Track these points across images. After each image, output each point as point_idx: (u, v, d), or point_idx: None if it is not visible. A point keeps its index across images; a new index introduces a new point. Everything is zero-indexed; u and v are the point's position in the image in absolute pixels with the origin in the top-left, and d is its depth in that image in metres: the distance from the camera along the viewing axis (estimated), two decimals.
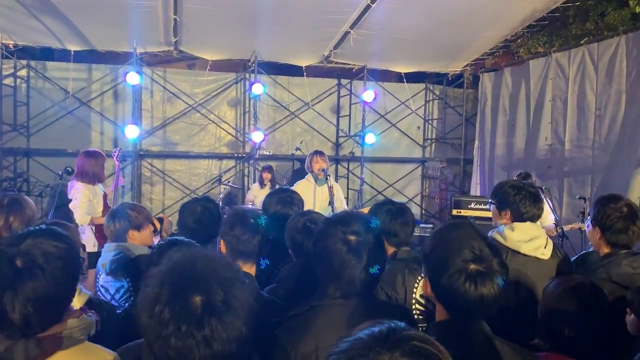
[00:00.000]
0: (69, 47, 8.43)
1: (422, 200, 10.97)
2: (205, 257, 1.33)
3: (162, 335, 1.19)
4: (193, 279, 1.25)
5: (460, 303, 1.53)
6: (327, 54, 9.05)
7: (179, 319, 1.19)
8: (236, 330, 1.23)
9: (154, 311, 1.21)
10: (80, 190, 4.88)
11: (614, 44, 6.96)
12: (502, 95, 9.25)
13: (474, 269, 1.52)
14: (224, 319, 1.22)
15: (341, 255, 1.80)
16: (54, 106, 8.80)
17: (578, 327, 1.89)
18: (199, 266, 1.28)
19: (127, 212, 3.05)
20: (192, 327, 1.19)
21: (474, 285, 1.51)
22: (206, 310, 1.21)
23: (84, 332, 1.58)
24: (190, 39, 8.36)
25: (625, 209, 2.63)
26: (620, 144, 6.81)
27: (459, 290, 1.51)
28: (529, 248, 2.77)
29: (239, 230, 2.27)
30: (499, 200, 2.92)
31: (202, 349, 1.19)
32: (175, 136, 9.60)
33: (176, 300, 1.21)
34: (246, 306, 1.27)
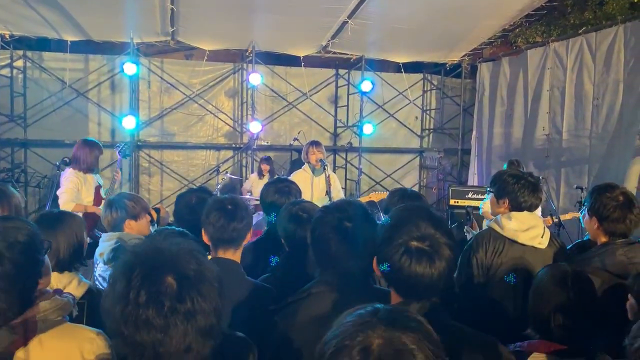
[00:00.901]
0: (65, 37, 8.39)
1: (420, 191, 10.97)
2: (168, 240, 1.31)
3: (143, 318, 1.16)
4: (161, 260, 1.22)
5: (395, 277, 1.52)
6: (325, 44, 9.02)
7: (158, 296, 1.17)
8: (213, 301, 1.22)
9: (129, 298, 1.17)
10: (68, 178, 4.84)
11: (612, 34, 6.95)
12: (499, 85, 9.25)
13: (414, 246, 1.49)
14: (202, 289, 1.21)
15: (336, 240, 1.81)
16: (51, 97, 8.77)
17: (566, 316, 1.90)
18: (164, 248, 1.26)
19: (125, 201, 3.06)
20: (174, 302, 1.17)
21: (409, 261, 1.48)
22: (182, 284, 1.19)
23: (61, 312, 1.58)
24: (187, 28, 8.33)
25: (621, 198, 2.64)
26: (617, 133, 6.82)
27: (395, 265, 1.50)
28: (526, 237, 2.78)
29: (214, 217, 2.28)
30: (497, 189, 2.93)
31: (186, 324, 1.17)
32: (172, 127, 9.59)
33: (149, 282, 1.18)
34: (217, 277, 1.27)
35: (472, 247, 2.89)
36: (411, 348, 0.96)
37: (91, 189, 5.02)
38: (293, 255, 2.53)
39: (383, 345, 0.96)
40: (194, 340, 1.19)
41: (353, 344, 0.98)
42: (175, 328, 1.17)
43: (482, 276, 2.81)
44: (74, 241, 2.22)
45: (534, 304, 2.02)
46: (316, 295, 1.83)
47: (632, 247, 2.59)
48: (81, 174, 4.92)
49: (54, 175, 5.15)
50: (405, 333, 0.98)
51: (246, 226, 2.35)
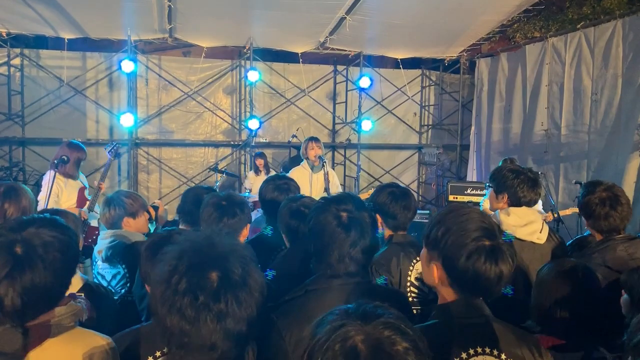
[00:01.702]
0: (62, 35, 8.36)
1: (419, 187, 10.99)
2: (224, 237, 1.33)
3: (177, 305, 1.18)
4: (211, 255, 1.25)
5: (481, 283, 1.54)
6: (323, 40, 9.00)
7: (196, 289, 1.18)
8: (249, 309, 1.23)
9: (171, 282, 1.20)
10: (47, 182, 4.68)
11: (610, 28, 6.94)
12: (498, 80, 9.24)
13: (488, 245, 1.52)
14: (240, 295, 1.22)
15: (331, 229, 1.82)
16: (49, 95, 8.75)
17: (569, 310, 1.90)
18: (217, 243, 1.28)
19: (123, 199, 3.05)
20: (209, 299, 1.18)
21: (494, 263, 1.51)
22: (223, 284, 1.21)
23: (73, 318, 1.58)
24: (184, 25, 8.30)
25: (603, 194, 2.64)
26: (616, 128, 6.82)
27: (480, 270, 1.51)
28: (524, 232, 2.78)
29: (207, 212, 2.36)
30: (496, 184, 2.93)
31: (215, 323, 1.18)
32: (171, 124, 9.57)
33: (193, 272, 1.21)
34: (260, 288, 1.27)
35: None
36: (393, 339, 0.98)
37: (73, 191, 4.90)
38: (294, 251, 2.52)
39: (365, 340, 0.98)
40: (220, 340, 1.20)
41: (334, 344, 1.00)
42: (205, 324, 1.18)
43: None
44: None
45: (537, 297, 2.01)
46: (313, 293, 1.83)
47: (633, 242, 2.59)
48: (60, 176, 4.80)
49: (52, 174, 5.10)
50: (381, 326, 1.00)
51: (239, 222, 2.35)
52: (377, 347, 0.97)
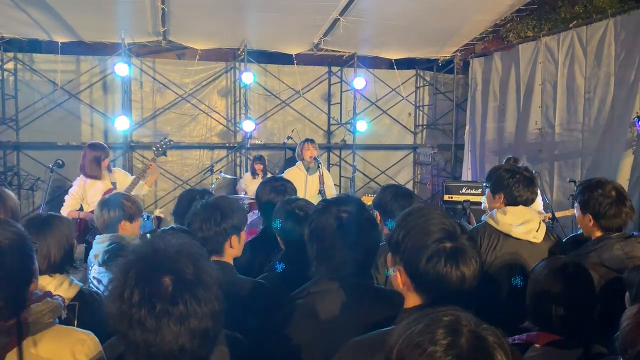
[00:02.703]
0: (56, 38, 8.34)
1: (414, 187, 11.00)
2: (171, 240, 1.30)
3: (136, 318, 1.15)
4: (159, 261, 1.21)
5: (443, 286, 1.48)
6: (317, 42, 9.01)
7: (151, 297, 1.16)
8: (210, 304, 1.21)
9: (124, 297, 1.17)
10: (75, 183, 4.85)
11: (602, 27, 6.98)
12: (492, 80, 9.27)
13: (449, 247, 1.47)
14: (197, 293, 1.19)
15: (332, 231, 1.82)
16: (43, 99, 8.72)
17: (564, 307, 1.92)
18: (163, 248, 1.25)
19: (122, 202, 3.04)
20: (167, 304, 1.15)
21: (455, 265, 1.46)
22: (177, 286, 1.18)
23: (52, 315, 1.58)
24: (178, 28, 8.30)
25: (614, 193, 2.64)
26: (609, 126, 6.85)
27: (440, 273, 1.46)
28: (521, 232, 2.79)
29: (197, 225, 2.27)
30: (493, 184, 2.93)
31: (179, 327, 1.16)
32: (166, 127, 9.56)
33: (145, 282, 1.18)
34: (216, 281, 1.25)
35: None
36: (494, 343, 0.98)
37: (97, 194, 4.84)
38: (290, 253, 2.53)
39: (471, 331, 0.98)
40: (188, 342, 1.17)
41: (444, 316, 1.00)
42: (168, 329, 1.15)
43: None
44: (64, 243, 2.21)
45: (532, 295, 2.03)
46: (315, 295, 1.84)
47: (629, 240, 2.60)
48: (87, 180, 4.88)
49: (47, 178, 5.10)
50: (490, 331, 0.99)
51: (231, 231, 2.29)
52: (480, 340, 0.97)
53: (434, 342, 0.96)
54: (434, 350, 0.95)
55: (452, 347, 0.95)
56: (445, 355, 0.94)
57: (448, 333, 0.96)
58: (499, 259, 2.79)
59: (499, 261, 2.79)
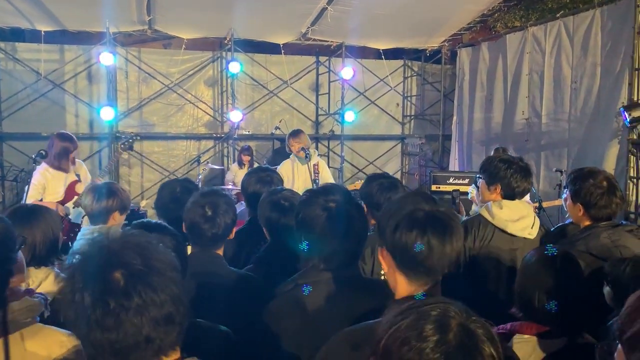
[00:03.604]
0: (39, 27, 8.19)
1: (402, 177, 11.01)
2: (114, 234, 1.26)
3: (93, 320, 1.11)
4: (105, 257, 1.18)
5: (410, 259, 1.46)
6: (305, 31, 8.95)
7: (103, 296, 1.12)
8: (167, 290, 1.17)
9: (75, 301, 1.13)
10: (36, 173, 4.66)
11: (589, 17, 7.00)
12: (479, 70, 9.28)
13: (421, 214, 1.46)
14: (150, 281, 1.16)
15: (319, 221, 1.80)
16: (26, 88, 8.57)
17: (551, 296, 1.92)
18: (107, 244, 1.21)
19: (119, 191, 2.96)
20: (121, 299, 1.12)
21: (421, 232, 1.44)
22: (128, 279, 1.14)
23: (30, 314, 1.54)
24: (164, 17, 8.19)
25: (605, 183, 2.64)
26: (595, 116, 6.90)
27: (407, 241, 1.45)
28: (517, 228, 2.76)
29: (192, 223, 2.26)
30: (488, 175, 2.88)
31: (140, 318, 1.12)
32: (152, 117, 9.46)
33: (93, 281, 1.14)
34: (170, 264, 1.22)
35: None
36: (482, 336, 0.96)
37: (60, 185, 4.79)
38: (276, 244, 2.51)
39: (460, 324, 0.95)
40: (153, 331, 1.14)
41: (432, 309, 0.97)
42: (129, 324, 1.12)
43: (469, 264, 2.80)
44: (50, 235, 2.17)
45: (520, 284, 2.03)
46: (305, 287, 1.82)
47: (616, 229, 2.60)
48: (51, 170, 4.74)
49: (31, 169, 5.00)
50: (479, 324, 0.97)
51: (225, 230, 2.27)
52: (468, 334, 0.94)
53: (422, 338, 0.93)
54: (422, 347, 0.92)
55: (441, 343, 0.92)
56: (433, 353, 0.92)
57: (437, 328, 0.94)
58: (492, 253, 2.77)
59: (491, 255, 2.77)
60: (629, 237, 2.58)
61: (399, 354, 0.94)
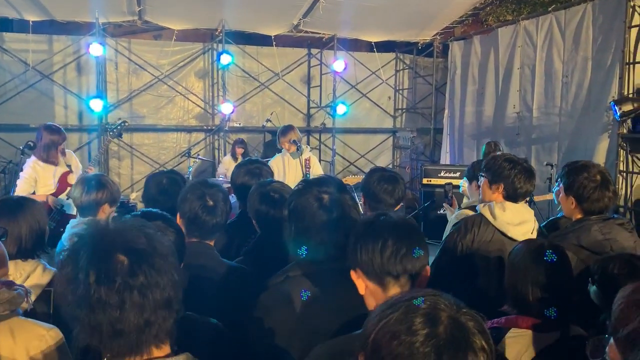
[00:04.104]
0: (27, 17, 8.09)
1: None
2: (116, 219, 1.27)
3: (95, 298, 1.10)
4: (110, 237, 1.17)
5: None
6: (297, 23, 8.90)
7: (109, 274, 1.11)
8: (168, 274, 1.17)
9: (79, 280, 1.12)
10: (27, 165, 4.62)
11: (580, 11, 7.01)
12: (471, 63, 9.28)
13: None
14: (154, 263, 1.16)
15: (311, 212, 1.79)
16: (14, 79, 8.47)
17: (541, 289, 1.92)
18: (110, 227, 1.21)
19: (108, 183, 2.93)
20: (126, 277, 1.11)
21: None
22: (134, 258, 1.14)
23: (8, 306, 1.51)
24: (154, 8, 8.11)
25: (598, 177, 2.63)
26: (586, 110, 6.92)
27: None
28: (518, 232, 2.73)
29: (193, 213, 2.25)
30: (492, 174, 2.84)
31: (142, 298, 1.12)
32: (142, 109, 9.39)
33: (98, 259, 1.13)
34: (170, 251, 1.22)
35: (459, 231, 2.83)
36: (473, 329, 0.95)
37: (50, 177, 4.73)
38: (265, 236, 2.49)
39: (450, 317, 0.94)
40: (153, 314, 1.14)
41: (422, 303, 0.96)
42: (131, 303, 1.11)
43: (465, 262, 2.78)
44: (36, 227, 2.14)
45: (510, 278, 2.02)
46: (294, 279, 1.80)
47: (607, 223, 2.60)
48: (41, 163, 4.71)
49: (19, 161, 4.94)
50: (469, 317, 0.97)
51: (226, 220, 2.29)
52: (459, 326, 0.93)
53: (412, 332, 0.92)
54: (412, 341, 0.91)
55: (431, 337, 0.91)
56: (423, 347, 0.90)
57: (426, 322, 0.93)
58: (491, 253, 2.74)
59: (490, 255, 2.74)
60: (619, 231, 2.58)
61: (389, 348, 0.93)
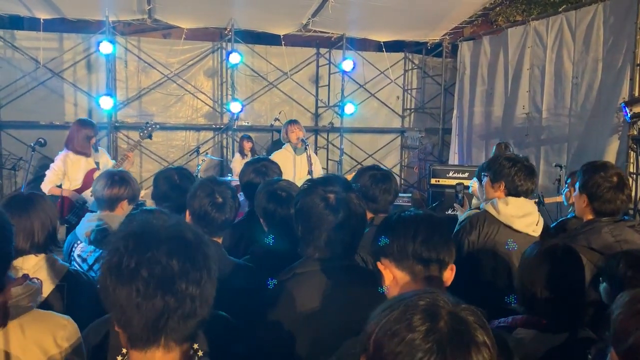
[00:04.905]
0: (38, 15, 8.14)
1: (402, 170, 11.02)
2: (167, 216, 1.27)
3: (154, 282, 1.10)
4: (154, 230, 1.17)
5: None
6: (306, 23, 8.91)
7: (173, 254, 1.12)
8: (213, 271, 1.19)
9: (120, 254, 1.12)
10: (56, 159, 4.75)
11: (591, 12, 6.96)
12: (480, 64, 9.25)
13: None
14: (210, 254, 1.19)
15: (317, 211, 1.80)
16: (25, 77, 8.53)
17: (551, 290, 1.91)
18: (160, 225, 1.19)
19: (132, 181, 2.95)
20: (188, 263, 1.13)
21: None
22: (196, 245, 1.17)
23: (31, 299, 1.53)
24: (164, 6, 8.14)
25: (615, 179, 2.63)
26: (596, 111, 6.88)
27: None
28: (522, 224, 2.77)
29: (202, 208, 2.28)
30: (493, 173, 2.89)
31: (196, 289, 1.13)
32: (151, 107, 9.43)
33: (159, 244, 1.13)
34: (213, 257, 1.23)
35: (465, 228, 2.87)
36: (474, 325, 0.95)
37: (79, 172, 4.83)
38: (273, 234, 2.50)
39: (450, 313, 0.95)
40: (200, 306, 1.15)
41: (420, 300, 0.97)
42: (187, 291, 1.12)
43: (472, 258, 2.80)
44: (48, 223, 2.16)
45: (521, 278, 2.02)
46: (302, 276, 1.82)
47: (618, 225, 2.59)
48: (72, 155, 4.80)
49: (29, 158, 5.00)
50: (469, 311, 0.97)
51: (234, 217, 2.32)
52: (460, 321, 0.94)
53: (411, 329, 0.92)
54: (413, 337, 0.91)
55: (432, 332, 0.91)
56: (424, 343, 0.91)
57: (426, 318, 0.93)
58: (496, 248, 2.77)
59: (495, 250, 2.77)
60: (630, 233, 2.57)
61: (390, 347, 0.93)
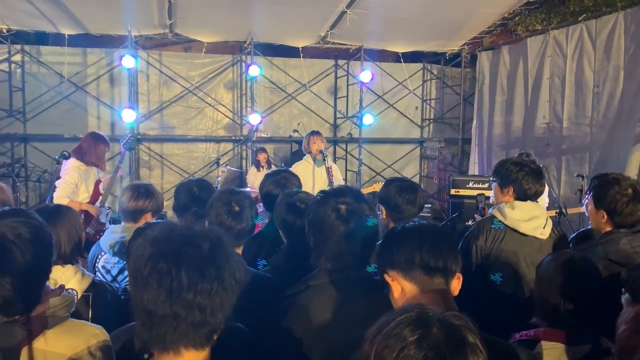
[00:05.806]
0: (62, 31, 8.35)
1: (421, 181, 10.97)
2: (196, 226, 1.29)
3: (179, 285, 1.13)
4: (179, 235, 1.20)
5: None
6: (324, 35, 8.98)
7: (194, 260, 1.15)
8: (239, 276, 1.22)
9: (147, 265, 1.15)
10: (69, 170, 4.71)
11: (612, 20, 6.90)
12: (500, 74, 9.20)
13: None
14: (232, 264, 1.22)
15: (329, 222, 1.81)
16: (50, 91, 8.74)
17: (571, 302, 1.90)
18: (178, 233, 1.21)
19: (157, 194, 3.00)
20: (197, 274, 1.15)
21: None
22: (213, 249, 1.19)
23: (67, 309, 1.57)
24: (185, 21, 8.28)
25: (630, 191, 2.61)
26: (618, 121, 6.79)
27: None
28: (528, 227, 2.78)
29: (218, 218, 2.31)
30: (501, 178, 2.91)
31: (222, 297, 1.17)
32: (172, 120, 9.57)
33: (185, 248, 1.17)
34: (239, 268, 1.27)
35: (472, 233, 2.89)
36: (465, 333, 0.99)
37: (91, 184, 4.92)
38: (292, 246, 2.52)
39: (440, 320, 1.00)
40: (211, 316, 1.18)
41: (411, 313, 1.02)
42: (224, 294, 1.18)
43: (481, 264, 2.81)
44: (74, 234, 2.21)
45: (539, 291, 2.01)
46: (314, 288, 1.83)
47: (636, 235, 2.57)
48: (83, 166, 4.83)
49: (54, 170, 5.10)
50: (454, 317, 1.02)
51: (251, 226, 2.33)
52: (450, 326, 0.99)
53: (403, 341, 0.97)
54: (405, 348, 0.96)
55: (425, 339, 0.96)
56: (419, 352, 0.95)
57: (416, 328, 0.98)
58: (504, 252, 2.79)
59: (504, 255, 2.78)
60: None
61: (390, 358, 0.98)
